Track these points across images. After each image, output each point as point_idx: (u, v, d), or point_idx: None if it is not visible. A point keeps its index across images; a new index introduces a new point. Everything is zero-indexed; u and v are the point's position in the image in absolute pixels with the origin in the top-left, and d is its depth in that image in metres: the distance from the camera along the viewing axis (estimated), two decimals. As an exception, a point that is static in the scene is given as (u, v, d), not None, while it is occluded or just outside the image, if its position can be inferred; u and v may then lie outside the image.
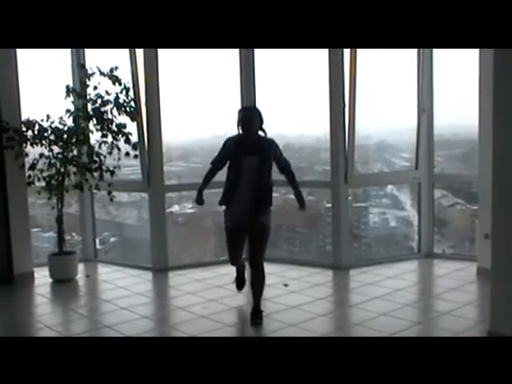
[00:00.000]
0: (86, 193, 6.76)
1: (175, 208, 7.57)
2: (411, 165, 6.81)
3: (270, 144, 4.83)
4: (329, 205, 6.76)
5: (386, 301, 5.28)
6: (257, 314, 4.83)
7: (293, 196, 5.05)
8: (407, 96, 6.60)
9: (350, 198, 6.58)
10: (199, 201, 4.98)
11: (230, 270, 5.54)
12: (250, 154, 4.73)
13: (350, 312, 5.14)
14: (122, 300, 5.55)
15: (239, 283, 5.46)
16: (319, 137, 6.80)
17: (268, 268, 4.96)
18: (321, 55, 6.16)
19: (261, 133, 4.85)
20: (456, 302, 5.17)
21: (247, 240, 4.93)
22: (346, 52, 6.07)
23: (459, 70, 6.29)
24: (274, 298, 5.44)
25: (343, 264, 6.32)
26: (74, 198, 6.93)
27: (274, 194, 4.96)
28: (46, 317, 5.22)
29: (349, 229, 6.53)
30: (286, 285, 5.86)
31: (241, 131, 4.80)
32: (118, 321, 4.95)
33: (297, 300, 5.37)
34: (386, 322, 4.74)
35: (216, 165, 4.93)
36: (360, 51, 6.04)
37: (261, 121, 4.84)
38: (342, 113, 6.17)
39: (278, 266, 6.48)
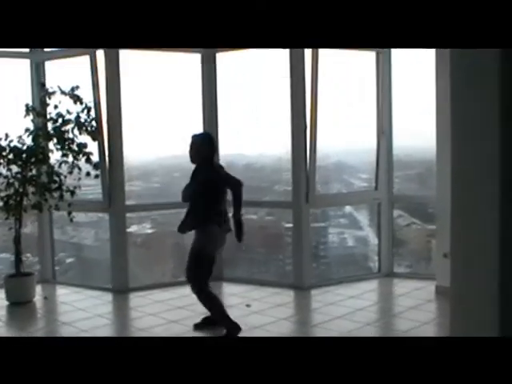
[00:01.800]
0: (44, 213, 6.63)
1: (134, 228, 7.51)
2: (369, 185, 6.93)
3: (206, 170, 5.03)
4: (288, 225, 6.81)
5: (348, 320, 5.33)
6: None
7: (252, 216, 5.19)
8: (365, 117, 6.72)
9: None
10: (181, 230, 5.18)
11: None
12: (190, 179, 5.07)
13: (313, 332, 5.16)
14: (82, 322, 5.44)
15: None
16: (280, 156, 6.84)
17: (229, 289, 4.98)
18: (282, 75, 6.26)
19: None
20: (416, 320, 5.25)
21: None
22: (308, 73, 6.18)
23: (416, 91, 6.46)
24: (237, 318, 5.42)
25: (305, 284, 6.35)
26: (31, 219, 6.77)
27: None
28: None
29: (309, 249, 6.57)
30: (248, 305, 5.86)
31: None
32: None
33: (259, 320, 5.37)
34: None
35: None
36: (321, 72, 6.15)
37: (209, 150, 5.09)
38: (303, 133, 6.24)
39: (239, 287, 6.49)
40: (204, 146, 5.06)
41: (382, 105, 6.61)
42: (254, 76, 6.61)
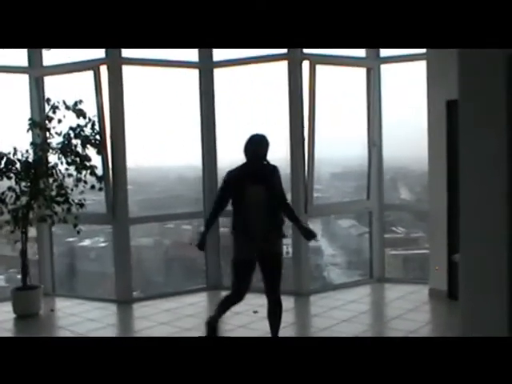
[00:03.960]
0: (44, 226, 6.71)
1: (86, 242, 7.68)
2: (361, 194, 7.25)
3: (273, 170, 4.72)
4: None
5: (353, 323, 5.61)
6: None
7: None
8: (357, 130, 7.06)
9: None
10: (201, 246, 4.77)
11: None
12: (256, 184, 4.59)
13: (322, 334, 5.35)
14: (97, 332, 5.56)
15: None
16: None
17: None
18: (281, 88, 6.53)
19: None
20: (418, 321, 5.58)
21: (264, 275, 4.72)
22: (305, 86, 6.47)
23: (406, 106, 6.83)
24: (248, 324, 5.63)
25: (304, 290, 6.60)
26: (31, 232, 6.80)
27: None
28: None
29: (306, 258, 6.81)
30: (255, 311, 6.04)
31: (247, 159, 4.68)
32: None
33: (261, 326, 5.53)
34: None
35: (219, 203, 4.75)
36: (318, 88, 6.45)
37: (267, 149, 4.74)
38: (301, 145, 6.51)
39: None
40: (264, 145, 4.74)
41: (372, 117, 6.95)
42: (252, 90, 6.83)
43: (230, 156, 6.95)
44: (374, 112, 6.95)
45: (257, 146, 4.68)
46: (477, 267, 4.53)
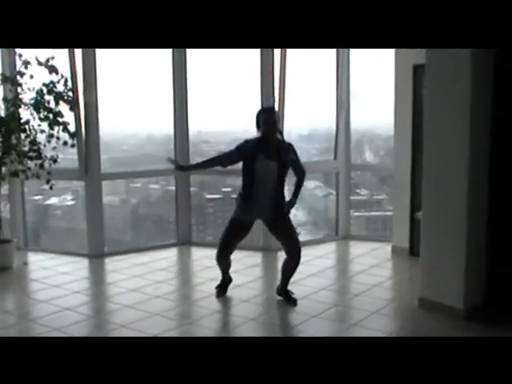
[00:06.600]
0: (15, 181, 6.75)
1: (53, 200, 7.76)
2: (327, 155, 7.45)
3: (288, 148, 4.91)
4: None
5: (320, 277, 5.85)
6: (289, 294, 5.16)
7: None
8: (326, 95, 7.22)
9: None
10: (183, 168, 5.31)
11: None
12: (269, 159, 4.78)
13: (290, 287, 5.52)
14: (71, 284, 5.69)
15: (223, 289, 5.39)
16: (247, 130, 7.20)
17: (203, 252, 5.69)
18: (252, 57, 6.63)
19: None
20: (381, 275, 5.86)
21: (278, 235, 5.07)
22: (277, 54, 6.57)
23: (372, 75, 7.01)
24: (219, 277, 5.76)
25: (272, 247, 6.80)
26: (3, 188, 6.81)
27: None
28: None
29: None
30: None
31: (261, 134, 4.83)
32: (77, 303, 5.15)
33: (241, 279, 5.77)
34: (328, 294, 5.33)
35: (224, 159, 4.95)
36: (289, 56, 6.56)
37: (279, 123, 4.94)
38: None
39: (210, 250, 6.85)
40: (278, 120, 4.95)
41: (341, 82, 7.11)
42: (225, 58, 6.87)
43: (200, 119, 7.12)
44: (343, 76, 7.11)
45: (271, 122, 4.82)
46: (437, 225, 4.81)
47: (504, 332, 4.22)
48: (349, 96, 7.17)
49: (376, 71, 6.95)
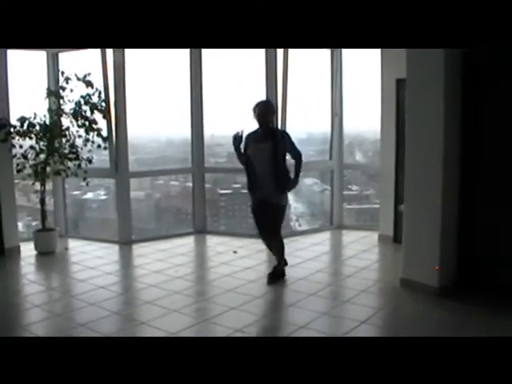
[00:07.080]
0: (58, 179, 6.96)
1: (89, 195, 8.04)
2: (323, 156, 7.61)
3: (282, 135, 4.98)
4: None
5: (317, 261, 6.02)
6: (279, 267, 5.35)
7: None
8: (322, 103, 7.36)
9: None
10: (238, 149, 4.97)
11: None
12: (260, 143, 4.88)
13: (291, 269, 5.68)
14: (104, 267, 5.91)
15: (274, 277, 5.31)
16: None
17: (216, 239, 5.76)
18: (258, 64, 6.83)
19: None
20: (369, 259, 6.04)
21: (266, 219, 5.08)
22: (279, 62, 6.76)
23: (363, 82, 7.13)
24: (230, 261, 5.99)
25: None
26: (48, 185, 7.04)
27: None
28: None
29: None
30: (235, 252, 6.39)
31: (258, 124, 4.95)
32: (110, 282, 5.38)
33: (249, 263, 6.00)
34: (324, 276, 5.49)
35: (243, 156, 5.02)
36: (290, 67, 6.70)
37: (273, 113, 5.07)
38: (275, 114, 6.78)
39: (222, 238, 7.07)
40: (270, 110, 5.01)
41: (335, 92, 7.24)
42: (233, 68, 7.05)
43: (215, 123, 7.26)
44: (337, 88, 7.27)
45: (261, 114, 4.93)
46: (416, 216, 4.95)
47: (471, 305, 4.47)
48: (342, 105, 7.33)
49: (365, 84, 7.10)
